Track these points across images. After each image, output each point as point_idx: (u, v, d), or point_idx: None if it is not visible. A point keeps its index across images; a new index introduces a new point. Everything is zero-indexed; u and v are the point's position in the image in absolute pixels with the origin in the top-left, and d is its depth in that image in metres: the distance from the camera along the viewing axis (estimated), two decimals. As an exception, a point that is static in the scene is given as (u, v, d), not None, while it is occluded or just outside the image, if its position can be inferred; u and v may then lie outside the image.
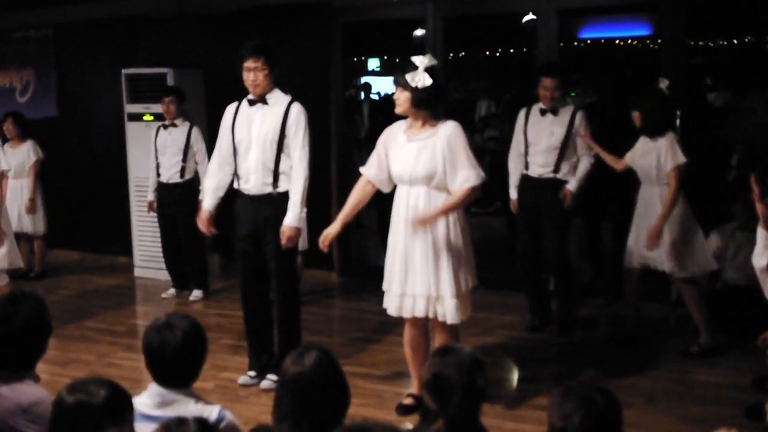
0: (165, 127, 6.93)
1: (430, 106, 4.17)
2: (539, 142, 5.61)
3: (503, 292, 6.54)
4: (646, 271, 5.46)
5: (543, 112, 5.62)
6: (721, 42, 10.99)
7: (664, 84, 5.38)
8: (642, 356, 5.36)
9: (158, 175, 6.97)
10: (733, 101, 8.79)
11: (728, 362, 5.18)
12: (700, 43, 10.63)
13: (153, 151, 6.96)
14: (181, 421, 2.22)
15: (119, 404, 2.33)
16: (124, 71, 7.70)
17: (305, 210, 4.85)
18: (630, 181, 5.65)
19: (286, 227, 4.73)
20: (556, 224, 5.63)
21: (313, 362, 2.48)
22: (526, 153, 5.67)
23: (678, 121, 6.27)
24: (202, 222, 5.02)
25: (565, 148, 5.55)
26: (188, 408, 2.65)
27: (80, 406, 2.28)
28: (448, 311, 4.18)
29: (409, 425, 4.31)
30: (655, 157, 5.18)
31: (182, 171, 6.85)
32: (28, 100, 8.92)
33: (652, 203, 5.25)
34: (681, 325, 5.81)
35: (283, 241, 4.74)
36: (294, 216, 4.75)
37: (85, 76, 8.58)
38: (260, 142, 4.77)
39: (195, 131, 6.87)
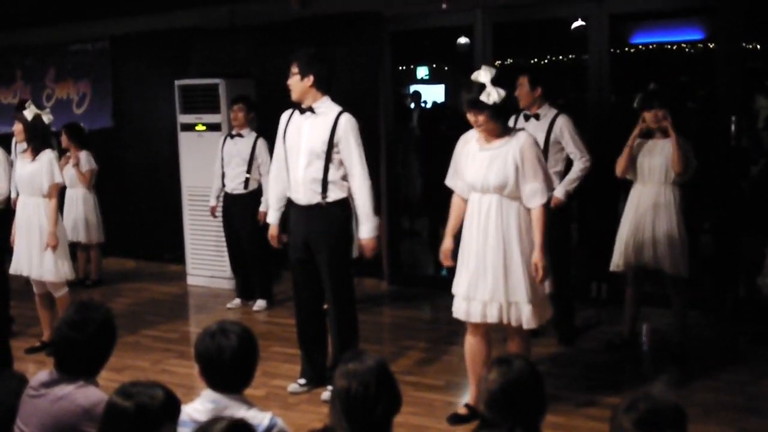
0: (232, 137, 6.97)
1: (506, 116, 4.24)
2: None
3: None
4: (647, 274, 5.43)
5: (527, 117, 5.63)
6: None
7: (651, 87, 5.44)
8: (695, 367, 5.29)
9: (223, 185, 7.03)
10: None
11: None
12: (758, 46, 10.40)
13: (220, 159, 7.02)
14: (217, 419, 2.26)
15: (174, 404, 2.48)
16: (177, 82, 7.84)
17: (378, 219, 4.91)
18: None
19: (364, 240, 4.84)
20: (553, 233, 5.55)
21: (367, 368, 2.50)
22: None
23: (733, 127, 6.16)
24: (272, 237, 5.14)
25: (547, 153, 5.50)
26: (240, 414, 2.67)
27: (140, 409, 2.39)
28: (525, 316, 4.19)
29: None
30: (666, 156, 5.20)
31: (246, 182, 6.89)
32: (84, 112, 9.11)
33: (662, 203, 5.25)
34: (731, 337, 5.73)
35: (367, 253, 4.88)
36: (368, 227, 4.83)
37: (139, 88, 8.76)
38: (308, 152, 4.79)
39: (260, 142, 6.86)
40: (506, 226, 4.17)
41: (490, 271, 4.18)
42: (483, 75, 4.11)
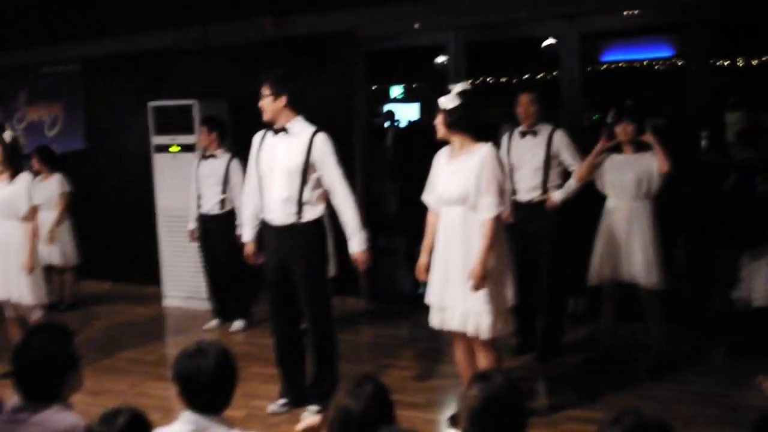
0: (206, 157, 6.97)
1: (463, 128, 4.29)
2: (522, 165, 5.68)
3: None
4: (623, 287, 5.49)
5: (523, 135, 5.69)
6: (741, 62, 10.95)
7: (628, 104, 5.52)
8: (672, 379, 5.33)
9: (199, 206, 7.01)
10: (755, 121, 8.75)
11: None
12: (725, 63, 10.59)
13: (194, 181, 7.01)
14: None
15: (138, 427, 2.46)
16: (150, 104, 7.82)
17: (365, 232, 4.91)
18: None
19: (356, 254, 4.86)
20: (551, 248, 5.67)
21: (368, 395, 2.52)
22: (512, 177, 5.70)
23: (703, 143, 6.26)
24: (248, 256, 5.14)
25: (548, 168, 5.60)
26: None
27: None
28: (483, 326, 4.23)
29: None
30: (643, 171, 5.27)
31: (222, 202, 6.89)
32: (56, 134, 9.06)
33: (629, 215, 5.32)
34: (707, 349, 5.78)
35: (360, 267, 4.92)
36: (358, 241, 4.85)
37: (113, 109, 8.73)
38: (284, 172, 4.78)
39: (234, 163, 6.85)
40: (469, 237, 4.23)
41: (456, 281, 4.26)
42: (456, 86, 4.32)
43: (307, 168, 4.76)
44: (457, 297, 4.27)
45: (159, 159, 7.83)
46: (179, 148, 7.65)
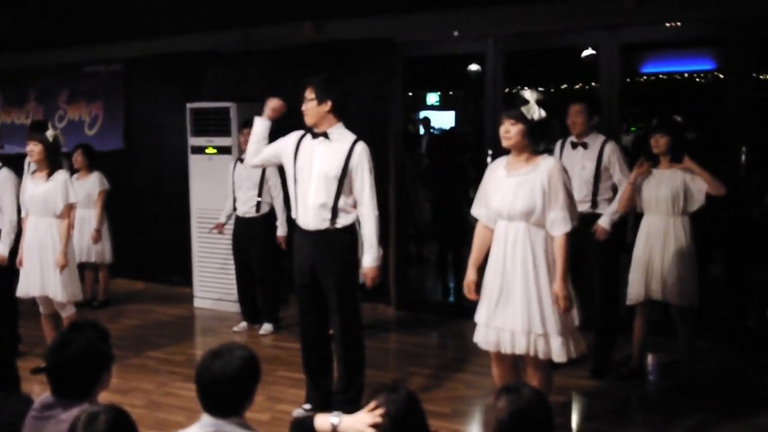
0: (242, 161, 6.95)
1: (540, 139, 4.18)
2: (572, 176, 5.54)
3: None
4: (655, 303, 5.42)
5: (574, 146, 5.61)
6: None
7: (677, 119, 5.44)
8: (703, 398, 5.24)
9: (234, 209, 7.03)
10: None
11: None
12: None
13: (231, 183, 7.04)
14: None
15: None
16: (188, 105, 7.88)
17: (381, 249, 4.87)
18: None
19: (367, 269, 4.80)
20: (602, 261, 5.56)
21: (401, 397, 2.53)
22: None
23: (743, 157, 6.15)
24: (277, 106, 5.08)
25: (598, 182, 5.51)
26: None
27: None
28: (554, 348, 4.07)
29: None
30: (680, 186, 5.18)
31: (258, 205, 6.89)
32: (96, 134, 9.17)
33: (665, 232, 5.23)
34: (740, 368, 5.68)
35: (368, 282, 4.84)
36: (372, 257, 4.79)
37: (151, 110, 8.81)
38: (321, 178, 4.75)
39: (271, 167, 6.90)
40: (533, 254, 4.06)
41: (519, 301, 4.06)
42: (529, 93, 4.10)
43: (344, 176, 4.73)
44: (518, 318, 4.06)
45: (195, 160, 7.88)
46: (215, 150, 7.70)
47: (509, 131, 4.09)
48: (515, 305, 4.07)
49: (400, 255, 7.70)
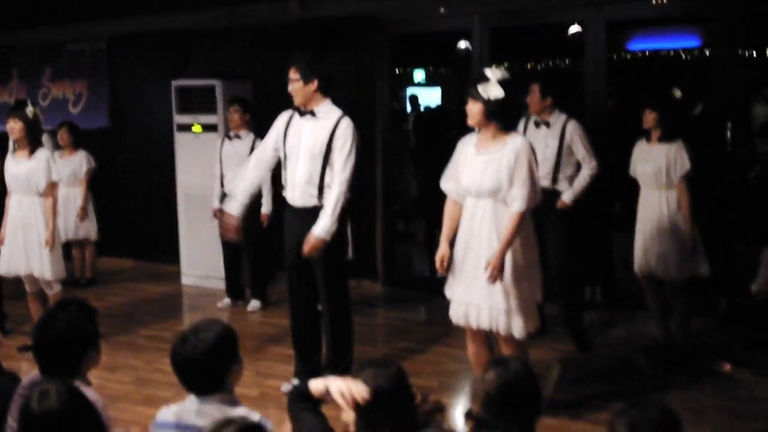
0: (230, 138, 6.98)
1: (502, 119, 4.13)
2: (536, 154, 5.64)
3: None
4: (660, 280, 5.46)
5: (537, 125, 5.68)
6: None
7: (677, 93, 5.43)
8: (687, 371, 5.30)
9: (222, 185, 7.02)
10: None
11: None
12: (755, 53, 10.43)
13: (218, 161, 7.04)
14: (228, 422, 2.23)
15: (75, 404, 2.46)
16: (173, 83, 7.84)
17: (336, 224, 4.74)
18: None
19: (313, 236, 4.70)
20: (560, 235, 5.64)
21: (389, 376, 2.51)
22: None
23: (729, 134, 6.19)
24: (228, 228, 5.01)
25: (560, 159, 5.59)
26: (228, 414, 2.64)
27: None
28: (515, 324, 4.12)
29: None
30: (664, 161, 5.25)
31: None
32: (80, 111, 9.11)
33: (657, 207, 5.31)
34: (728, 339, 5.74)
35: (305, 248, 4.72)
36: (323, 227, 4.70)
37: (136, 88, 8.76)
38: (308, 154, 4.77)
39: (258, 144, 6.87)
40: (499, 232, 4.09)
41: (482, 277, 4.09)
42: (493, 72, 4.09)
43: (329, 152, 4.75)
44: (484, 293, 4.11)
45: (181, 138, 7.85)
46: (201, 128, 7.67)
47: (470, 110, 4.12)
48: (481, 281, 4.10)
49: (388, 231, 7.72)
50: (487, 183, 4.09)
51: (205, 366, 2.70)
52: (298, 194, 4.84)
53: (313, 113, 4.79)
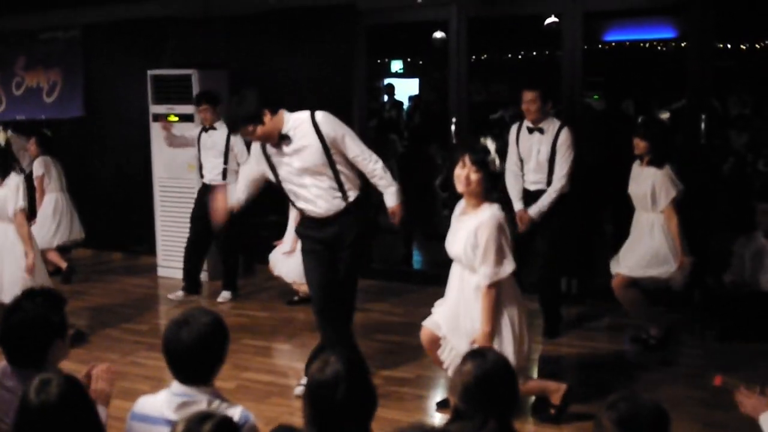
0: (206, 130, 6.95)
1: (486, 189, 4.16)
2: (529, 159, 5.72)
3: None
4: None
5: (531, 130, 5.70)
6: (745, 45, 10.90)
7: (665, 115, 5.49)
8: (662, 361, 5.37)
9: (201, 176, 7.01)
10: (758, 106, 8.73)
11: (747, 368, 5.13)
12: (729, 45, 10.53)
13: (197, 151, 7.02)
14: (204, 417, 2.22)
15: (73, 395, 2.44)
16: (149, 72, 7.77)
17: (397, 184, 4.78)
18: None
19: (394, 206, 4.75)
20: (549, 235, 5.72)
21: (337, 369, 2.43)
22: (522, 168, 5.79)
23: (703, 126, 6.23)
24: (219, 211, 4.97)
25: (553, 164, 5.62)
26: (210, 408, 2.63)
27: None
28: None
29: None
30: (650, 186, 5.33)
31: (224, 173, 6.88)
32: (54, 101, 9.01)
33: (647, 229, 5.40)
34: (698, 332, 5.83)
35: (396, 220, 4.79)
36: (393, 194, 4.74)
37: (111, 77, 8.66)
38: (308, 172, 4.61)
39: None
40: (465, 294, 4.20)
41: (462, 329, 4.21)
42: (490, 143, 4.14)
43: (328, 152, 4.58)
44: (463, 342, 4.16)
45: (156, 128, 7.77)
46: (177, 117, 7.60)
47: (468, 177, 4.10)
48: (461, 332, 4.20)
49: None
50: (455, 248, 4.21)
51: (203, 354, 2.70)
52: (323, 207, 4.66)
53: (287, 137, 4.59)
